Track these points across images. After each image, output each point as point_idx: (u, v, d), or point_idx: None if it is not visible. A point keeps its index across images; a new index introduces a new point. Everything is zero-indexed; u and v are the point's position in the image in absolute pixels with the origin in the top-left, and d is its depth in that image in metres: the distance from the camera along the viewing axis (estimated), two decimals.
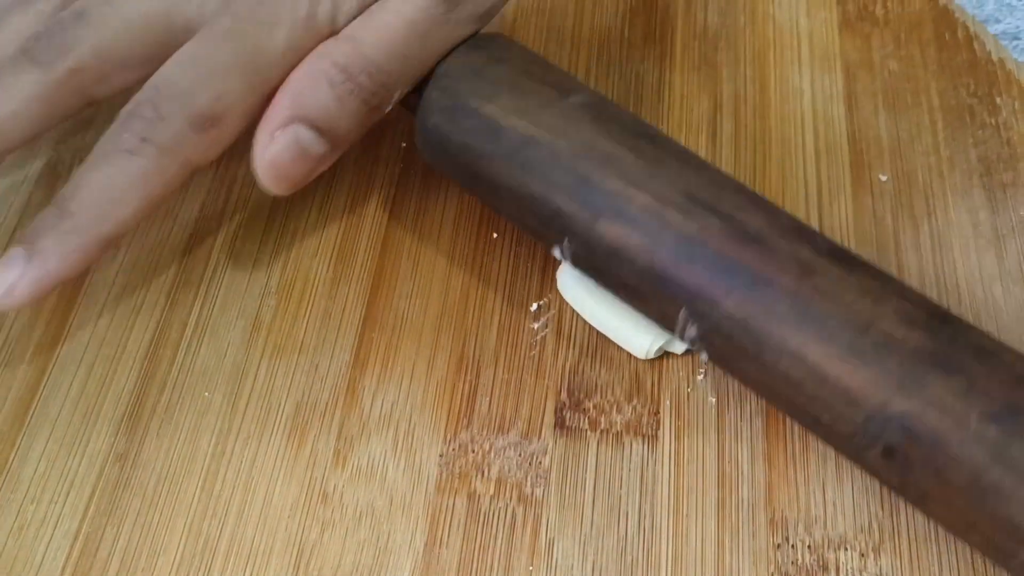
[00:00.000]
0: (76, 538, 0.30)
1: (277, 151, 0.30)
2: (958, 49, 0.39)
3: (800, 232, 0.28)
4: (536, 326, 0.33)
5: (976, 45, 0.39)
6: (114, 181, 0.30)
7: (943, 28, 0.40)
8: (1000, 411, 0.24)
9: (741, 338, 0.27)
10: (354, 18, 0.31)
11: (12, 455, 0.31)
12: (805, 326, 0.26)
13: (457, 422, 0.31)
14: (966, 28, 0.40)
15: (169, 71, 0.30)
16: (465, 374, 0.32)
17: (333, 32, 0.31)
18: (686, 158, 0.30)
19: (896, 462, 0.26)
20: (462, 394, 0.32)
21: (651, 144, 0.30)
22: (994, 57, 0.39)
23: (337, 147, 0.32)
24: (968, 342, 0.26)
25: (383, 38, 0.31)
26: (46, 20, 0.32)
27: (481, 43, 0.33)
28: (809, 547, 0.29)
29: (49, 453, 0.31)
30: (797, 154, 0.37)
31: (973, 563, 0.28)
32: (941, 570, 0.28)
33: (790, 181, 0.36)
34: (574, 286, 0.33)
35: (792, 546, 0.29)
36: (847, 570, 0.28)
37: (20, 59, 0.30)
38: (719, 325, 0.27)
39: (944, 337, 0.26)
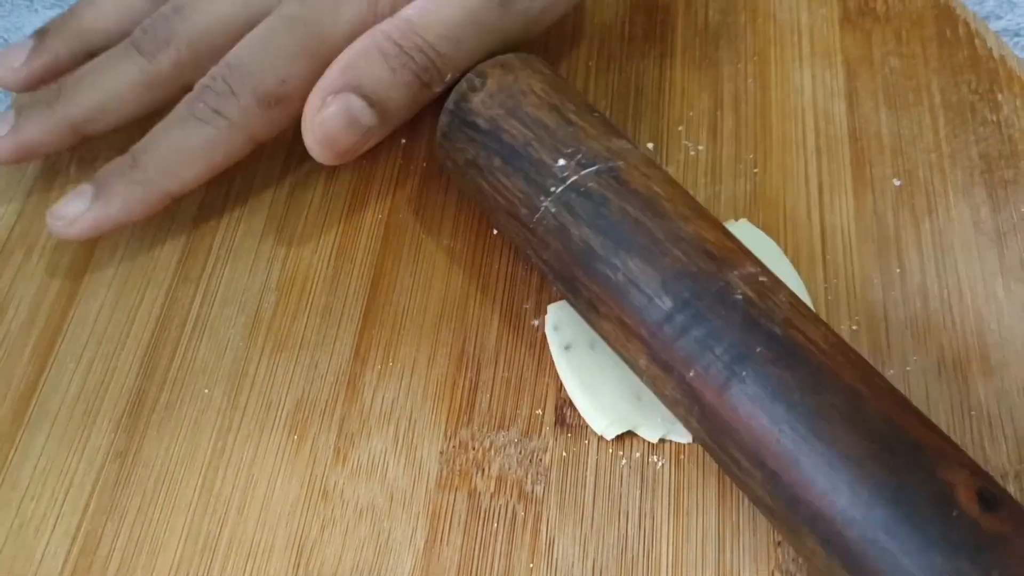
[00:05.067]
0: (76, 536, 0.30)
1: (328, 116, 0.31)
2: (959, 46, 0.39)
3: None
4: (537, 323, 0.33)
5: (977, 42, 0.39)
6: (184, 144, 0.32)
7: (944, 25, 0.40)
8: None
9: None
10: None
11: (12, 452, 0.31)
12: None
13: (458, 419, 0.31)
14: (967, 25, 0.40)
15: (242, 52, 0.32)
16: (466, 371, 0.32)
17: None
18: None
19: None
20: (463, 391, 0.32)
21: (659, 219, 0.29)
22: (995, 54, 0.39)
23: (387, 122, 0.33)
24: None
25: (440, 21, 0.32)
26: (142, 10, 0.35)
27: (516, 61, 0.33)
28: None
29: (49, 450, 0.31)
30: (798, 151, 0.37)
31: None
32: None
33: (791, 178, 0.36)
34: (556, 337, 0.32)
35: None
36: None
37: (128, 48, 0.34)
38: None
39: None
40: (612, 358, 0.31)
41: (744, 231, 0.34)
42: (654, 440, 0.30)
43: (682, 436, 0.30)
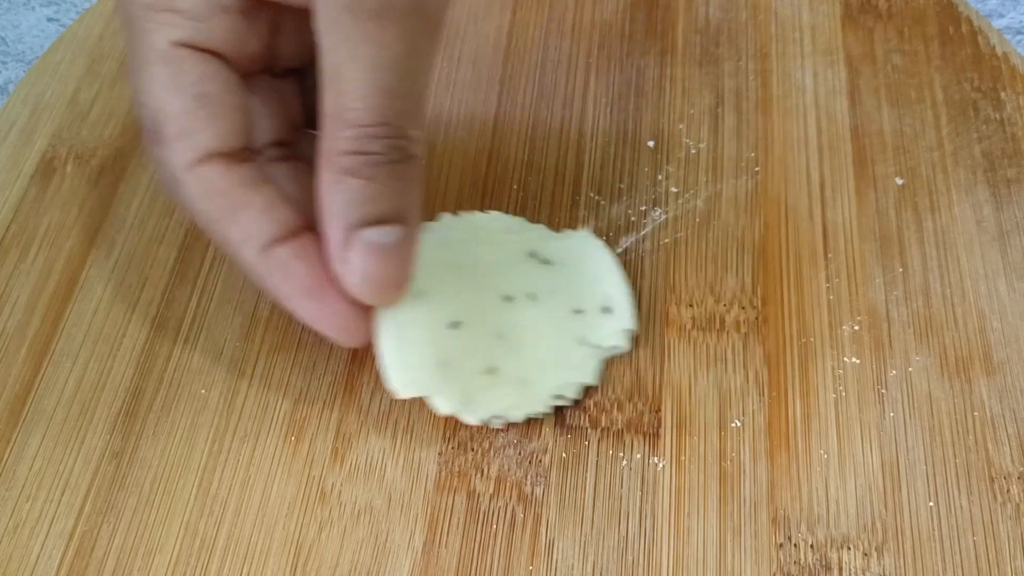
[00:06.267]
0: (72, 537, 0.29)
1: (360, 269, 0.26)
2: (962, 43, 0.39)
3: None
4: None
5: (980, 39, 0.39)
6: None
7: (947, 22, 0.39)
8: None
9: None
10: None
11: (7, 452, 0.31)
12: None
13: (456, 420, 0.31)
14: (970, 22, 0.39)
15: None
16: None
17: None
18: None
19: None
20: None
21: None
22: (998, 51, 0.38)
23: (413, 222, 0.27)
24: None
25: (363, 87, 0.25)
26: None
27: None
28: (812, 546, 0.28)
29: (45, 450, 0.31)
30: (800, 149, 0.36)
31: (977, 563, 0.28)
32: (944, 570, 0.28)
33: (793, 176, 0.36)
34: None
35: (795, 545, 0.29)
36: (850, 570, 0.28)
37: None
38: None
39: None
40: (432, 314, 0.30)
41: (582, 241, 0.33)
42: (443, 415, 0.30)
43: (472, 417, 0.30)
